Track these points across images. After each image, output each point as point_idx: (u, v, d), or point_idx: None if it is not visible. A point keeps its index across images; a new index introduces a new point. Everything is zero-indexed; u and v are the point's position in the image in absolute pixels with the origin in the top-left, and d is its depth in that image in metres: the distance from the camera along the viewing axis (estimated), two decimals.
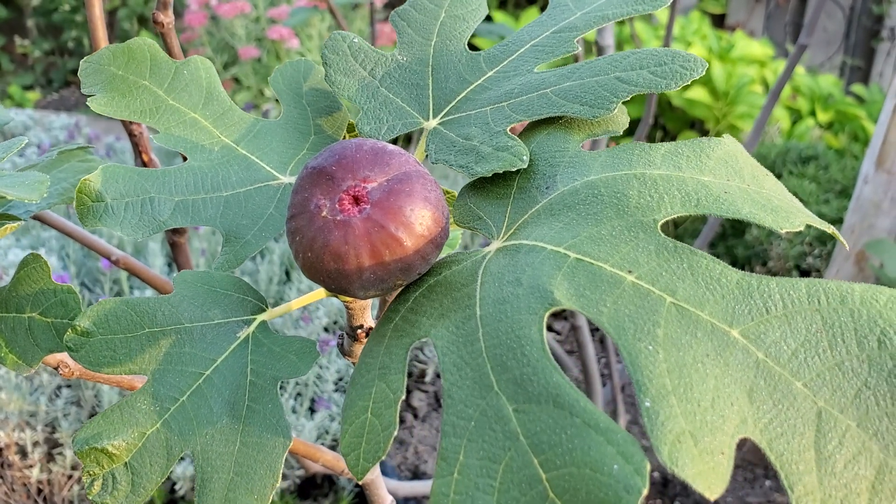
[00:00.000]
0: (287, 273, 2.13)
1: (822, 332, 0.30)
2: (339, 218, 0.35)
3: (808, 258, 2.05)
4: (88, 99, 0.45)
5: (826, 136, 3.03)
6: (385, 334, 0.36)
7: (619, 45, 3.21)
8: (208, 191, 0.43)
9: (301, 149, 0.46)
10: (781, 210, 0.34)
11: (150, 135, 0.45)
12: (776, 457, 0.28)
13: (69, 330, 0.38)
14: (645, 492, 0.26)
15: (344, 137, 0.48)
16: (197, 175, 0.43)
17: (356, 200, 0.35)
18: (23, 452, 1.66)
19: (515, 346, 0.31)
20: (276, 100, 3.53)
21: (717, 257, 0.50)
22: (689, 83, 0.40)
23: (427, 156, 0.43)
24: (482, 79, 0.45)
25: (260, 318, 0.41)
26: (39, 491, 1.64)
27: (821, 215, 2.14)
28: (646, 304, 0.31)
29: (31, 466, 1.63)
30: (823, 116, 3.19)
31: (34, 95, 4.53)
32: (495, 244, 0.37)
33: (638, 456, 0.27)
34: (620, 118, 0.41)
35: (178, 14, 3.56)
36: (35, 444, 1.66)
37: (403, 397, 0.33)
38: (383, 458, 0.32)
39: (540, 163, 0.40)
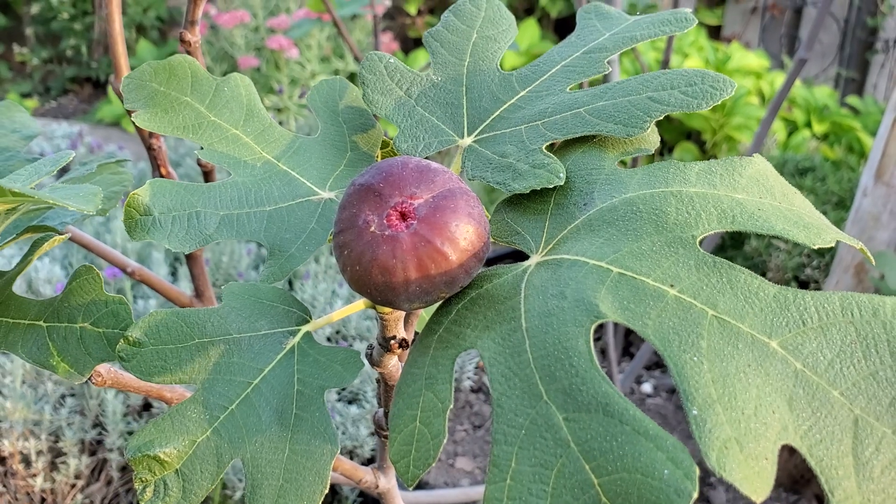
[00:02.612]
0: (290, 283, 2.14)
1: (856, 343, 0.32)
2: (386, 233, 0.36)
3: (807, 269, 2.07)
4: (132, 115, 0.46)
5: (822, 148, 3.07)
6: (429, 345, 0.37)
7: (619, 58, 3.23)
8: (252, 205, 0.44)
9: (339, 165, 0.47)
10: (813, 227, 0.36)
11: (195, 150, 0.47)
12: (816, 462, 0.30)
13: (121, 340, 0.39)
14: (695, 495, 0.28)
15: (377, 154, 0.50)
16: (241, 190, 0.45)
17: (403, 216, 0.37)
18: (27, 461, 1.66)
19: (563, 357, 0.32)
20: (278, 109, 3.54)
21: None
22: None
23: (462, 172, 0.44)
24: (515, 98, 0.47)
25: (305, 328, 0.42)
26: (43, 500, 1.64)
27: None
28: (689, 317, 0.32)
29: (34, 475, 1.63)
30: (819, 128, 3.22)
31: (32, 103, 4.53)
32: (535, 258, 0.39)
33: (687, 461, 0.28)
34: (652, 137, 0.43)
35: (178, 23, 3.58)
36: (39, 453, 1.66)
37: (452, 406, 0.34)
38: (433, 465, 0.34)
39: (576, 180, 0.41)
